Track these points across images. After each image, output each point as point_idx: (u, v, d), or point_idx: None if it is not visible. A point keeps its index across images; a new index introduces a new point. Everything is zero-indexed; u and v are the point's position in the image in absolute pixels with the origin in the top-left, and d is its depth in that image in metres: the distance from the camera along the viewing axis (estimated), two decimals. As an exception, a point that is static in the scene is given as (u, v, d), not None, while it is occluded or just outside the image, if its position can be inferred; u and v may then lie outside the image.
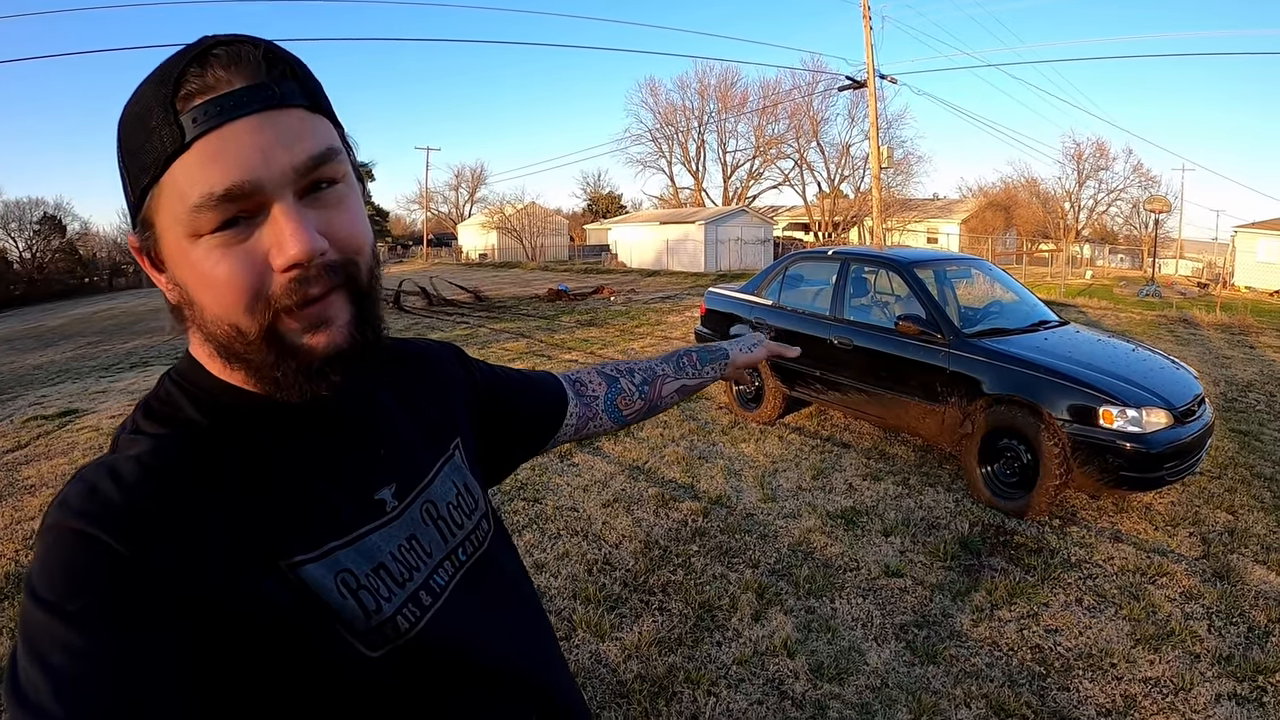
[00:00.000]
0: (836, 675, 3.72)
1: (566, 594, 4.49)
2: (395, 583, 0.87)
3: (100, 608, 0.66)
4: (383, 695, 0.83)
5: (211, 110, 0.74)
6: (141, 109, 0.76)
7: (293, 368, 0.80)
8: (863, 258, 7.75)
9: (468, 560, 1.01)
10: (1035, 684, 3.65)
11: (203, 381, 0.86)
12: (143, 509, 0.72)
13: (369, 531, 0.88)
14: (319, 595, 0.79)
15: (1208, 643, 3.98)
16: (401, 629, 0.85)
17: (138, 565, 0.68)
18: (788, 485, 6.24)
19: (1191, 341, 13.64)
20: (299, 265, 0.76)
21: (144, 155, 0.76)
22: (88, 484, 0.73)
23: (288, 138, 0.77)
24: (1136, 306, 20.00)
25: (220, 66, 0.75)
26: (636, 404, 1.52)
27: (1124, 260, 47.63)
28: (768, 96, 55.02)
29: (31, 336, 25.50)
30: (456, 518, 1.02)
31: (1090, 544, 5.10)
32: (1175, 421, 5.19)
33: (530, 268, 45.03)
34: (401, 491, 0.95)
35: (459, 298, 23.16)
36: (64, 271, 64.98)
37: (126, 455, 0.77)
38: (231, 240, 0.75)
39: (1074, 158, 52.73)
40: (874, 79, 25.33)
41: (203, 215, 0.74)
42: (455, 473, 1.06)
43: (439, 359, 1.21)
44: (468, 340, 14.29)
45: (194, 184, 0.73)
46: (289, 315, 0.78)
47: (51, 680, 0.62)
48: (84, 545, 0.68)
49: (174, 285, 0.81)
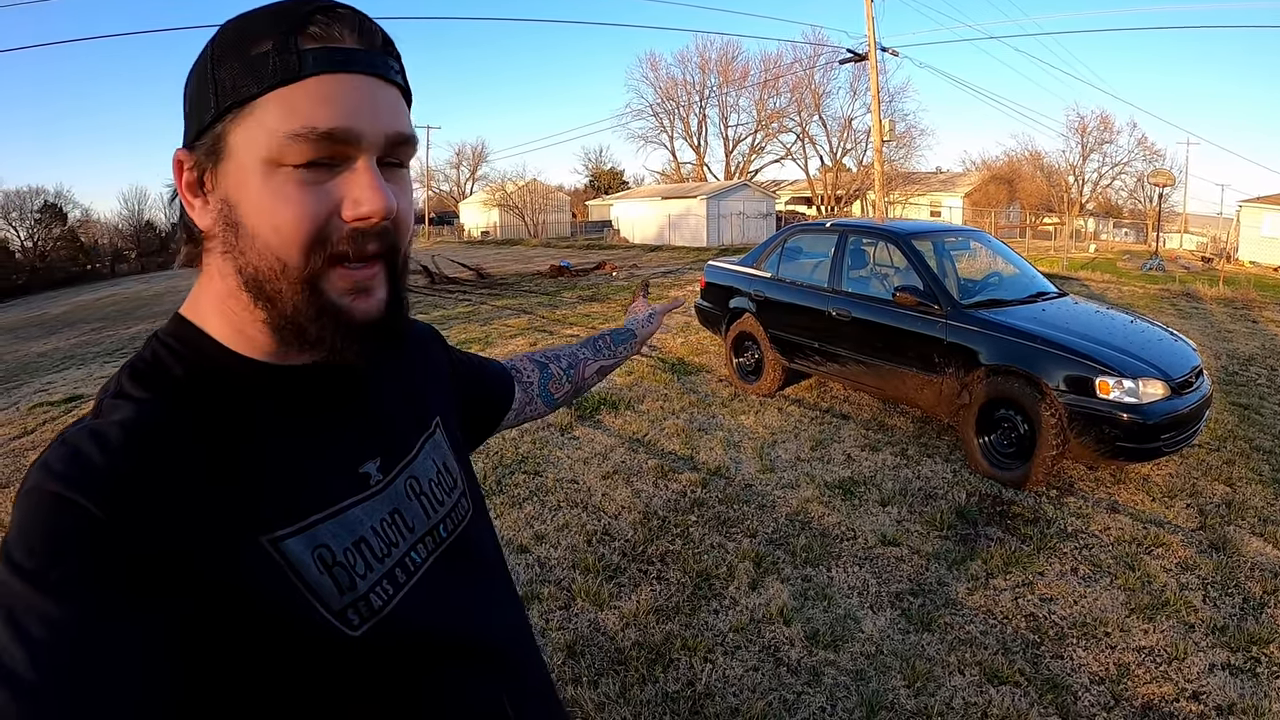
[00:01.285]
0: (832, 642, 3.75)
1: (566, 564, 4.52)
2: (375, 557, 0.87)
3: (79, 575, 0.65)
4: (358, 673, 0.82)
5: (336, 57, 0.78)
6: (252, 32, 0.78)
7: (330, 325, 0.81)
8: (861, 230, 7.73)
9: (447, 537, 1.01)
10: (1029, 652, 3.68)
11: (195, 342, 0.85)
12: (126, 475, 0.70)
13: (352, 504, 0.88)
14: (298, 570, 0.79)
15: (1202, 613, 4.00)
16: (375, 606, 0.85)
17: (119, 532, 0.67)
18: (786, 456, 6.25)
19: (1194, 315, 13.62)
20: (370, 219, 0.79)
21: (245, 74, 0.77)
22: (70, 448, 0.72)
23: (388, 106, 0.82)
24: (1139, 280, 19.94)
25: (345, 24, 0.80)
26: (565, 387, 1.61)
27: (1128, 234, 47.56)
28: (769, 70, 54.79)
29: (35, 324, 25.40)
30: (438, 495, 1.02)
31: (1087, 514, 5.12)
32: (1172, 393, 5.19)
33: (532, 245, 44.91)
34: (386, 466, 0.95)
35: (461, 275, 23.05)
36: (66, 259, 64.82)
37: (111, 420, 0.75)
38: (309, 179, 0.77)
39: (1078, 131, 52.39)
40: (875, 52, 25.16)
41: (296, 145, 0.75)
42: (435, 450, 1.06)
43: (423, 338, 1.22)
44: (470, 318, 14.28)
45: (298, 114, 0.75)
46: (339, 268, 0.80)
47: (28, 649, 0.61)
48: (64, 510, 0.67)
49: (221, 206, 0.80)
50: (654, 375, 8.81)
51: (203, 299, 0.86)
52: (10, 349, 18.48)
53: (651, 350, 9.97)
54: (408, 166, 0.88)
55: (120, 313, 24.15)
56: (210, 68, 0.79)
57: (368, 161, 0.79)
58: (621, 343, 1.80)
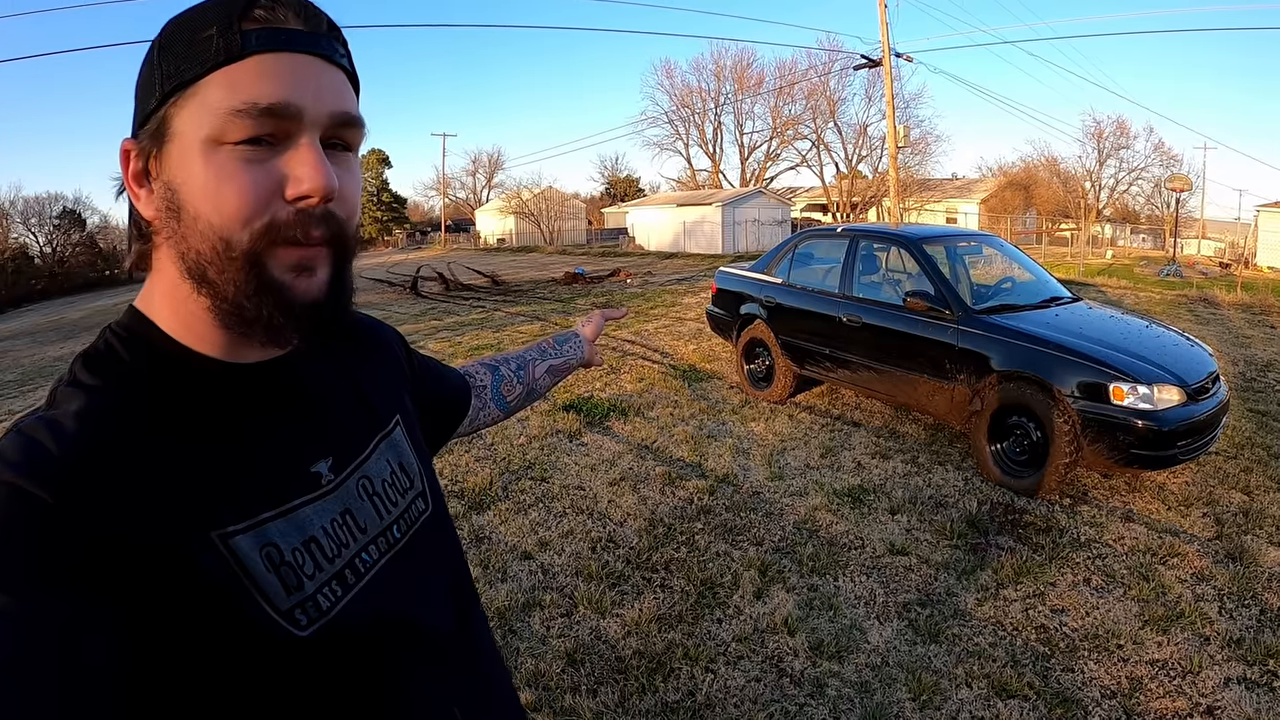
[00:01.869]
0: (836, 653, 3.69)
1: (569, 571, 4.48)
2: (325, 558, 0.86)
3: (31, 563, 0.64)
4: (307, 673, 0.81)
5: (277, 37, 0.77)
6: (197, 19, 0.78)
7: (271, 302, 0.79)
8: (872, 234, 7.66)
9: (401, 538, 0.99)
10: (1039, 664, 3.60)
11: (148, 336, 0.84)
12: (78, 463, 0.70)
13: (303, 504, 0.86)
14: (248, 568, 0.77)
15: (1218, 625, 3.92)
16: (323, 607, 0.83)
17: (71, 520, 0.67)
18: (795, 463, 6.19)
19: (1211, 321, 13.49)
20: (310, 198, 0.78)
21: (188, 58, 0.76)
22: (25, 437, 0.71)
23: (331, 87, 0.81)
24: (1156, 286, 19.81)
25: (288, 7, 0.80)
26: (517, 389, 1.60)
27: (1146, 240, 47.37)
28: (784, 77, 54.80)
29: (53, 329, 25.70)
30: (391, 495, 1.01)
31: (1101, 523, 5.03)
32: (1188, 399, 5.11)
33: (548, 252, 45.04)
34: (338, 466, 0.93)
35: (476, 282, 23.16)
36: (85, 265, 65.66)
37: (64, 410, 0.75)
38: (252, 156, 0.76)
39: (1094, 136, 52.12)
40: (890, 57, 25.12)
41: (237, 122, 0.75)
42: (391, 450, 1.04)
43: (383, 337, 1.21)
44: (484, 324, 14.30)
45: (239, 91, 0.75)
46: (282, 247, 0.78)
47: None
48: (16, 499, 0.66)
49: (165, 192, 0.79)
50: (665, 382, 8.77)
51: (155, 294, 0.85)
52: (28, 352, 18.72)
53: (664, 357, 9.95)
54: (355, 151, 0.87)
55: (138, 318, 24.26)
56: (157, 56, 0.79)
57: (310, 139, 0.78)
58: (565, 342, 1.77)
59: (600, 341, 11.29)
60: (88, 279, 62.15)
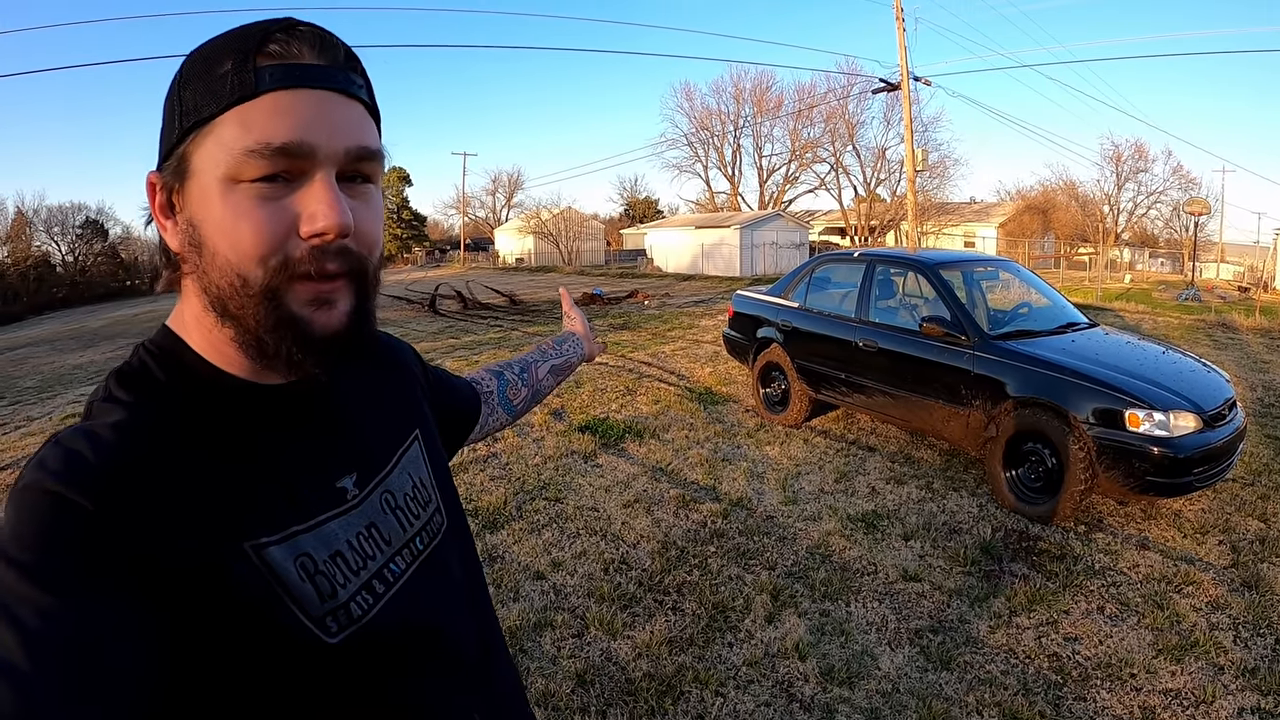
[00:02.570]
0: (847, 679, 3.68)
1: (581, 592, 4.49)
2: (350, 570, 0.88)
3: (73, 569, 0.66)
4: (335, 678, 0.83)
5: (291, 73, 0.79)
6: (214, 55, 0.79)
7: (288, 336, 0.81)
8: (889, 259, 7.69)
9: (423, 550, 1.02)
10: (1051, 693, 3.59)
11: (181, 355, 0.87)
12: (118, 472, 0.72)
13: (329, 519, 0.89)
14: (281, 577, 0.80)
15: (1233, 654, 3.89)
16: (354, 615, 0.86)
17: (111, 527, 0.69)
18: (810, 488, 6.19)
19: (1230, 346, 13.40)
20: (325, 235, 0.79)
21: (205, 94, 0.78)
22: (64, 447, 0.74)
23: (348, 122, 0.82)
24: (1174, 311, 19.69)
25: (304, 42, 0.81)
26: (522, 392, 1.63)
27: (1164, 264, 47.03)
28: (803, 100, 54.79)
29: (73, 337, 25.96)
30: (413, 508, 1.03)
31: (1116, 551, 5.01)
32: (1204, 425, 5.09)
33: (566, 272, 45.12)
34: (362, 480, 0.96)
35: (494, 301, 23.26)
36: (106, 274, 66.18)
37: (103, 421, 0.78)
38: (267, 194, 0.78)
39: (1112, 160, 51.87)
40: (908, 81, 25.15)
41: (251, 161, 0.76)
42: (412, 464, 1.07)
43: (401, 353, 1.24)
44: (501, 343, 14.36)
45: (253, 130, 0.76)
46: (299, 282, 0.80)
47: (22, 640, 0.63)
48: (59, 507, 0.69)
49: (187, 227, 0.81)
50: (680, 404, 8.78)
51: (186, 315, 0.88)
52: (48, 360, 18.88)
53: (680, 379, 9.96)
54: (376, 183, 0.88)
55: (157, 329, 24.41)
56: (177, 90, 0.81)
57: (325, 177, 0.79)
58: (564, 342, 1.81)
59: (617, 363, 11.32)
60: (109, 288, 62.70)
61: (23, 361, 19.28)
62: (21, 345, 25.23)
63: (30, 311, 52.44)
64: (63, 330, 30.78)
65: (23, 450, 8.05)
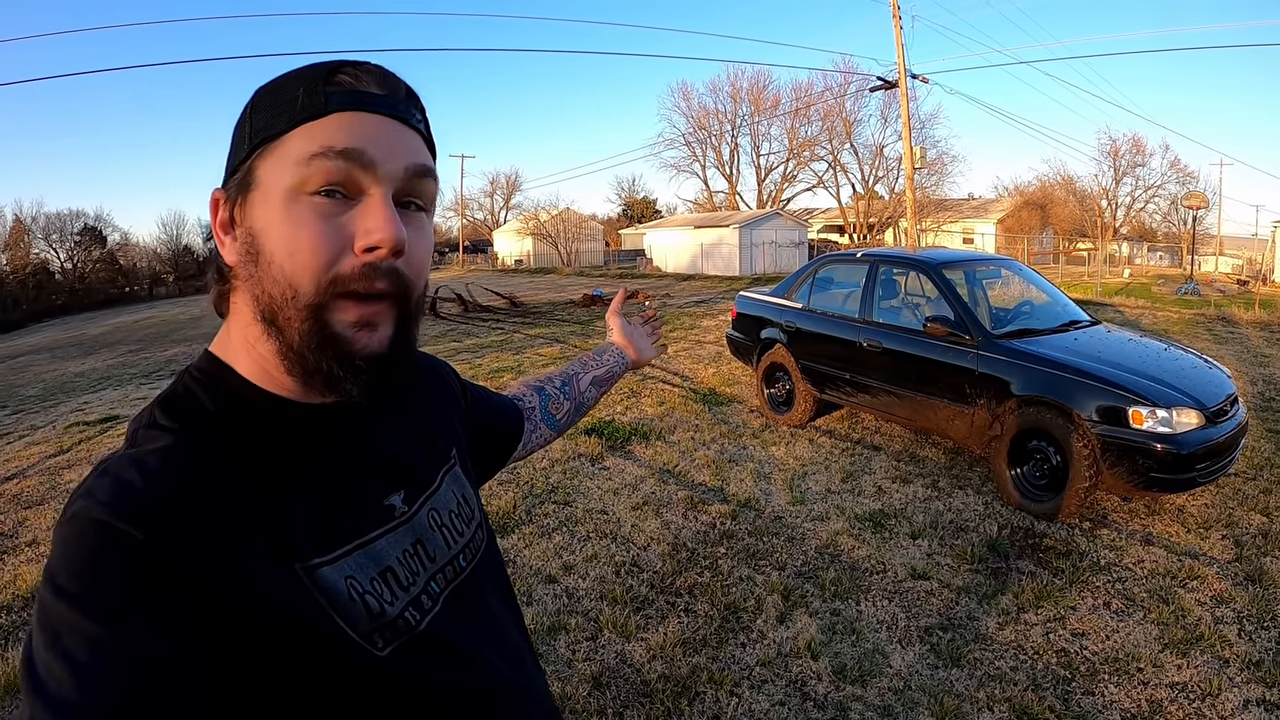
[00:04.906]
0: (859, 677, 3.73)
1: (594, 595, 4.53)
2: (400, 587, 0.90)
3: (123, 599, 0.67)
4: (386, 693, 0.84)
5: (358, 98, 0.84)
6: (286, 84, 0.85)
7: (330, 355, 0.83)
8: (892, 259, 7.74)
9: (466, 567, 1.04)
10: (1060, 688, 3.64)
11: (226, 379, 0.88)
12: (167, 502, 0.73)
13: (379, 536, 0.91)
14: (331, 596, 0.81)
15: (1237, 647, 3.94)
16: (401, 630, 0.87)
17: (162, 558, 0.69)
18: (817, 488, 6.24)
19: (1230, 340, 13.44)
20: (379, 250, 0.81)
21: (275, 115, 0.83)
22: (112, 475, 0.74)
23: (406, 144, 0.87)
24: (1174, 305, 19.73)
25: (369, 75, 0.86)
26: (564, 406, 1.62)
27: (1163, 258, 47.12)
28: (800, 98, 54.77)
29: (73, 344, 25.87)
30: (458, 525, 1.06)
31: (1120, 547, 5.06)
32: (1207, 421, 5.14)
33: (565, 273, 45.05)
34: (410, 498, 0.98)
35: (494, 304, 23.22)
36: (105, 281, 66.15)
37: (149, 449, 0.79)
38: (327, 209, 0.81)
39: (1110, 154, 51.88)
40: (905, 79, 25.17)
41: (315, 165, 0.80)
42: (455, 482, 1.10)
43: (440, 373, 1.26)
44: (503, 346, 14.38)
45: (319, 139, 0.81)
46: (345, 300, 0.82)
47: (72, 671, 0.63)
48: (108, 536, 0.69)
49: (246, 237, 0.84)
50: (685, 406, 8.83)
51: (232, 337, 0.90)
52: (49, 368, 18.83)
53: (684, 380, 10.00)
54: (429, 212, 0.92)
55: (157, 335, 24.55)
56: (249, 115, 0.86)
57: (383, 194, 0.83)
58: (604, 353, 1.80)
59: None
60: (107, 295, 62.63)
61: (24, 369, 19.25)
62: (22, 353, 25.18)
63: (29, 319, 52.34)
64: (62, 338, 30.73)
65: (27, 460, 8.06)
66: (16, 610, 4.52)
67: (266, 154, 0.83)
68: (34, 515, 6.13)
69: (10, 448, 8.83)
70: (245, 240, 0.84)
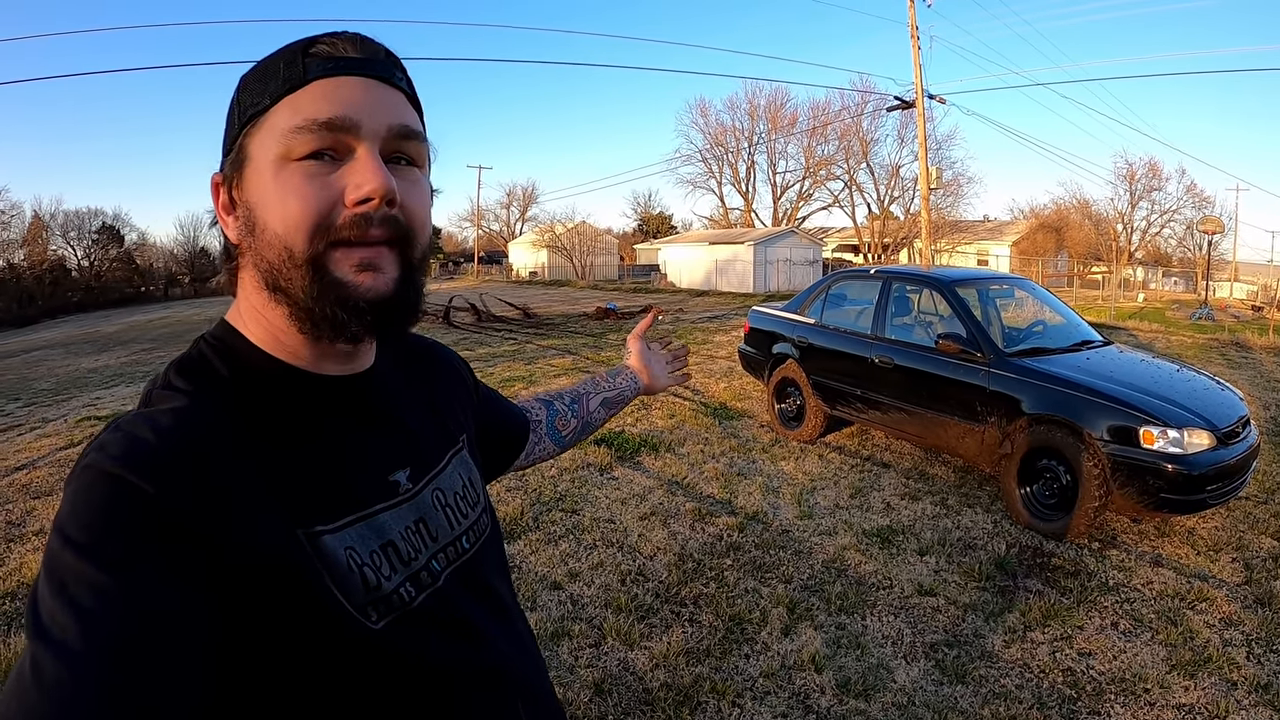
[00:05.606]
0: (863, 692, 3.71)
1: (599, 603, 4.53)
2: (400, 561, 0.91)
3: (131, 549, 0.68)
4: (379, 666, 0.85)
5: (337, 64, 0.86)
6: (269, 63, 0.88)
7: (332, 300, 0.85)
8: (905, 276, 7.73)
9: (469, 549, 1.05)
10: (1065, 707, 3.61)
11: (239, 347, 0.91)
12: (177, 457, 0.75)
13: (382, 510, 0.92)
14: (331, 565, 0.82)
15: (1245, 670, 3.91)
16: (396, 604, 0.88)
17: (170, 511, 0.71)
18: (825, 503, 6.22)
19: (1243, 365, 13.37)
20: (370, 201, 0.83)
21: (260, 92, 0.86)
22: (124, 431, 0.76)
23: (388, 103, 0.89)
24: (1188, 330, 19.63)
25: (348, 41, 0.89)
26: (572, 423, 1.63)
27: (1178, 283, 46.89)
28: (817, 117, 54.83)
29: (88, 341, 26.08)
30: (462, 508, 1.07)
31: (1129, 567, 5.03)
32: (1218, 443, 5.11)
33: (580, 286, 45.14)
34: (415, 475, 0.99)
35: (508, 315, 23.30)
36: (121, 280, 66.45)
37: (162, 408, 0.81)
38: (315, 170, 0.83)
39: (1126, 178, 51.86)
40: (922, 99, 25.19)
41: (300, 137, 0.83)
42: (462, 465, 1.11)
43: (450, 359, 1.28)
44: (515, 356, 14.42)
45: (302, 110, 0.83)
46: (343, 248, 0.84)
47: (79, 620, 0.64)
48: (118, 488, 0.70)
49: (244, 213, 0.87)
50: (695, 419, 8.82)
51: (243, 309, 0.93)
52: (63, 363, 18.97)
53: (695, 394, 10.00)
54: (420, 167, 0.94)
55: (172, 334, 24.66)
56: (237, 97, 0.90)
57: (369, 150, 0.85)
58: (618, 375, 1.81)
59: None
60: (123, 294, 62.92)
61: (38, 364, 19.38)
62: (37, 348, 25.35)
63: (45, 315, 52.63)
64: (77, 334, 30.91)
65: (38, 451, 8.15)
66: (21, 598, 4.54)
67: (254, 130, 0.86)
68: (42, 505, 6.18)
69: (22, 439, 8.92)
70: (244, 215, 0.87)
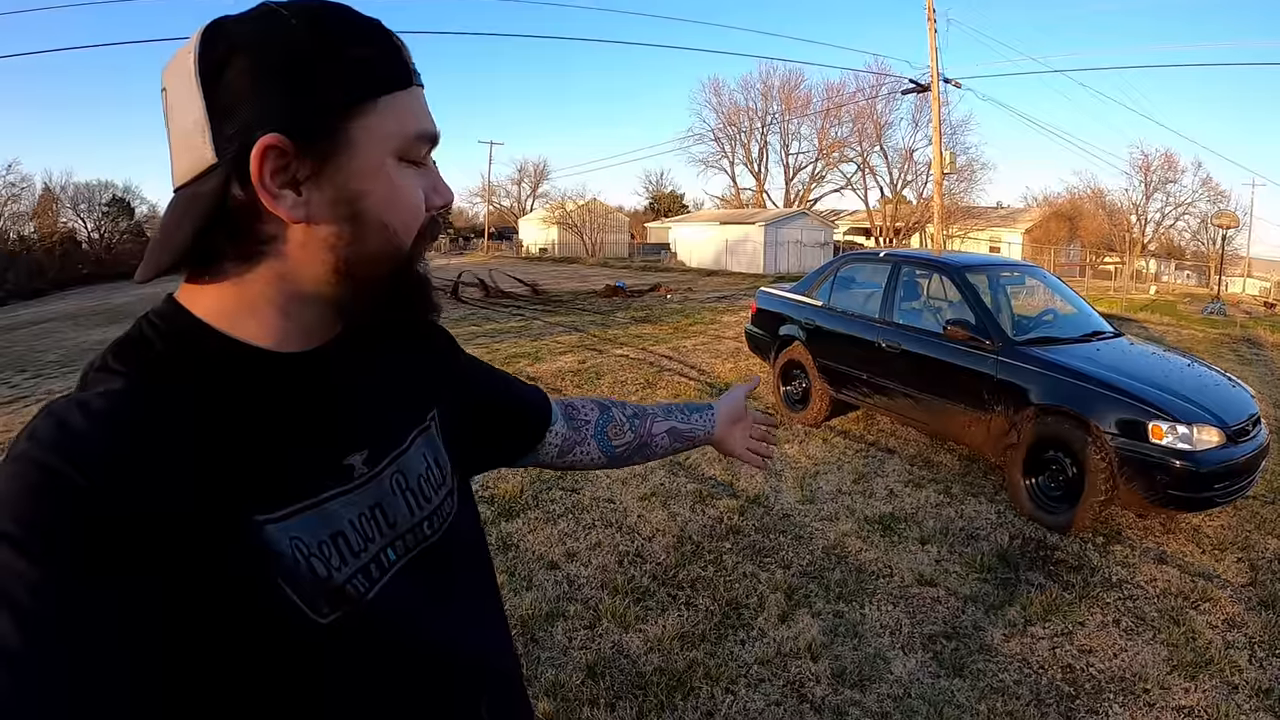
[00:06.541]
0: (858, 682, 3.67)
1: (595, 583, 4.50)
2: (350, 552, 0.87)
3: (66, 543, 0.65)
4: (328, 662, 0.83)
5: (417, 74, 0.90)
6: (363, 31, 0.85)
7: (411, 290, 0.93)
8: (915, 261, 7.67)
9: (431, 535, 1.00)
10: (1063, 704, 3.56)
11: (184, 326, 0.84)
12: (109, 445, 0.71)
13: (332, 497, 0.87)
14: (275, 556, 0.79)
15: (1247, 673, 3.85)
16: (349, 596, 0.84)
17: (102, 500, 0.68)
18: (827, 488, 6.18)
19: (1254, 361, 13.29)
20: (447, 204, 0.94)
21: (359, 74, 0.82)
22: (56, 418, 0.72)
23: None
24: (1199, 324, 19.54)
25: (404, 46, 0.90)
26: (627, 435, 1.51)
27: (1190, 277, 46.68)
28: (831, 99, 54.59)
29: (96, 313, 26.13)
30: (425, 491, 1.01)
31: (1133, 564, 4.97)
32: (1227, 440, 5.04)
33: (589, 264, 45.14)
34: (373, 458, 0.94)
35: (516, 291, 23.25)
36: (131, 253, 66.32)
37: (97, 392, 0.76)
38: (413, 174, 0.88)
39: (1141, 169, 51.73)
40: (938, 83, 25.02)
41: (420, 145, 0.88)
42: (428, 445, 1.05)
43: (429, 333, 1.20)
44: (522, 332, 14.41)
45: (414, 118, 0.87)
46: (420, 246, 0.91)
47: (13, 616, 0.62)
48: (49, 478, 0.67)
49: (336, 198, 0.82)
50: (700, 399, 8.76)
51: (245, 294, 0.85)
52: (71, 335, 19.08)
53: (700, 374, 9.95)
54: None
55: (180, 308, 24.59)
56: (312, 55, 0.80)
57: (432, 161, 0.92)
58: (697, 411, 1.65)
59: (637, 355, 11.26)
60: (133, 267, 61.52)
61: (45, 336, 19.49)
62: (46, 319, 25.49)
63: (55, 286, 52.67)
64: (86, 306, 31.00)
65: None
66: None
67: (360, 115, 0.82)
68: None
69: (27, 411, 8.90)
70: (333, 201, 0.82)
